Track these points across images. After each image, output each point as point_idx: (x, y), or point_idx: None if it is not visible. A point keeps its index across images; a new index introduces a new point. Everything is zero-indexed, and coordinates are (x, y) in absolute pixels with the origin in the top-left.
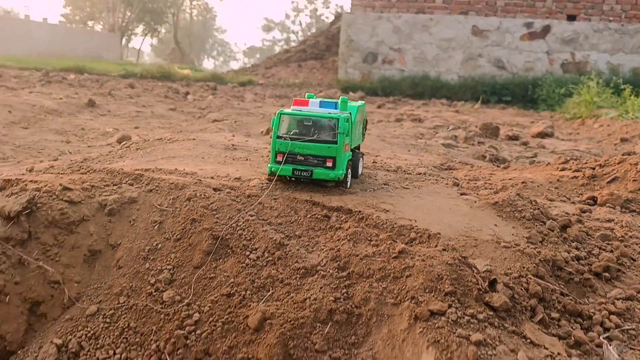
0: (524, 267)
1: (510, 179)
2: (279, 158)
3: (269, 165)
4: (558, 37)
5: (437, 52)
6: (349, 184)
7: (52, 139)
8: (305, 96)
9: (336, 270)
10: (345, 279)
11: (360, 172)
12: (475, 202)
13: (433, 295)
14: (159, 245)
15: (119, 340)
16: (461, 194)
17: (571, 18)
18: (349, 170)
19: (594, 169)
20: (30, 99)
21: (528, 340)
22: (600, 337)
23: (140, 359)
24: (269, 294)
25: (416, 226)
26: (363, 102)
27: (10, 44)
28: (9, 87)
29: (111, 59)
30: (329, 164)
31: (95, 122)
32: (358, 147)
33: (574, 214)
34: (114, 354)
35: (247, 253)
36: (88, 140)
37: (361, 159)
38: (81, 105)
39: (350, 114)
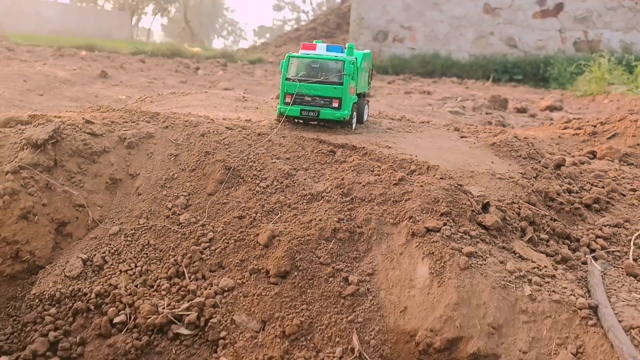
0: (516, 195)
1: None
2: (288, 99)
3: (277, 106)
4: (571, 15)
5: (448, 30)
6: (354, 125)
7: (66, 105)
8: (314, 42)
9: (340, 196)
10: (348, 203)
11: (365, 119)
12: (474, 143)
13: (429, 215)
14: (175, 175)
15: (140, 255)
16: (461, 137)
17: None
18: (354, 113)
19: (594, 126)
20: (44, 69)
21: (517, 255)
22: (586, 255)
23: (160, 271)
24: (277, 216)
25: (416, 159)
26: (369, 50)
27: (20, 23)
28: (23, 60)
29: (121, 38)
30: (335, 105)
31: (108, 91)
32: (364, 95)
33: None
34: (135, 266)
35: (258, 182)
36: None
37: (366, 106)
38: (94, 76)
39: (356, 58)
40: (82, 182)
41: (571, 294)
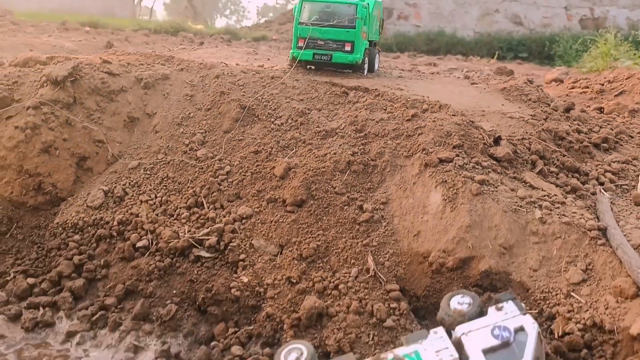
0: (527, 132)
1: None
2: (301, 43)
3: (290, 51)
4: None
5: (453, 7)
6: (365, 71)
7: None
8: None
9: (354, 132)
10: (362, 138)
11: (376, 68)
12: (484, 88)
13: (442, 148)
14: (191, 114)
15: (159, 187)
16: (472, 84)
17: None
18: (366, 58)
19: (602, 85)
20: (50, 40)
21: (527, 184)
22: (595, 187)
23: (179, 202)
24: (292, 151)
25: (428, 99)
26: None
27: (21, 1)
28: (28, 32)
29: (124, 17)
30: (348, 48)
31: None
32: (375, 44)
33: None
34: (155, 197)
35: (272, 119)
36: None
37: (377, 54)
38: (100, 47)
39: (368, 4)
40: (101, 119)
41: (581, 218)
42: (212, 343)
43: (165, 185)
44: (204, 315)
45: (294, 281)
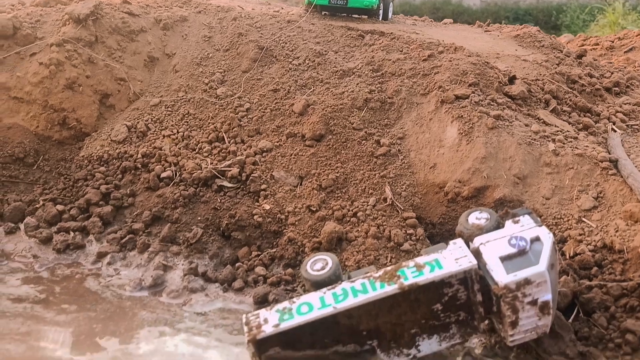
0: (540, 74)
1: None
2: None
3: None
4: None
5: None
6: (380, 16)
7: None
8: None
9: (371, 71)
10: (379, 77)
11: (390, 16)
12: (498, 35)
13: (458, 85)
14: (210, 55)
15: (181, 123)
16: (485, 31)
17: None
18: (382, 4)
19: (612, 41)
20: None
21: (541, 121)
22: (606, 125)
23: (200, 137)
24: (310, 90)
25: (443, 42)
26: None
27: None
28: None
29: None
30: None
31: None
32: None
33: None
34: (177, 132)
35: (290, 60)
36: None
37: (391, 2)
38: None
39: None
40: (122, 58)
41: (593, 150)
42: (237, 264)
43: (187, 122)
44: (228, 240)
45: (314, 209)
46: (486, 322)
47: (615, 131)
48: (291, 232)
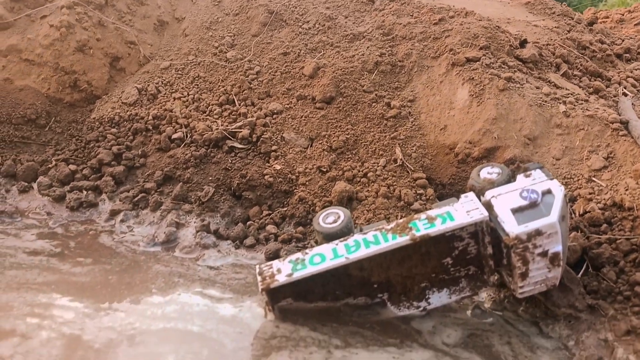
0: (551, 39)
1: None
2: None
3: None
4: None
5: None
6: None
7: None
8: None
9: (381, 35)
10: (389, 41)
11: None
12: (508, 2)
13: (469, 48)
14: (219, 19)
15: (191, 86)
16: None
17: None
18: None
19: (622, 14)
20: None
21: (552, 84)
22: (617, 89)
23: (211, 99)
24: (320, 54)
25: (454, 7)
26: None
27: None
28: None
29: None
30: None
31: None
32: None
33: None
34: (188, 95)
35: (300, 24)
36: None
37: None
38: None
39: None
40: (132, 21)
41: (603, 112)
42: (248, 222)
43: (197, 84)
44: (239, 200)
45: (325, 170)
46: (496, 276)
47: (626, 95)
48: (302, 191)
